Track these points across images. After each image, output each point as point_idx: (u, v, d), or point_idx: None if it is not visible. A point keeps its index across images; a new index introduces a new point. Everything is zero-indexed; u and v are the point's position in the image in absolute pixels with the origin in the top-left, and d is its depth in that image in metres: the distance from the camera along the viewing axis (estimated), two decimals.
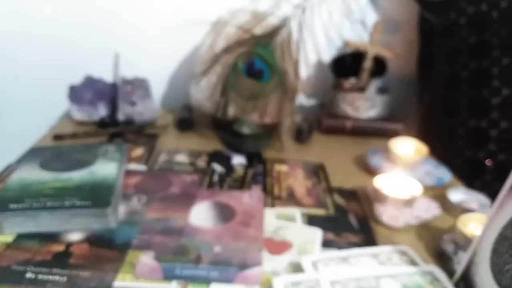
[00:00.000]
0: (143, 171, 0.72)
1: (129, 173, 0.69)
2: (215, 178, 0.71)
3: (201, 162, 0.76)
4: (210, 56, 0.82)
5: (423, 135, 0.85)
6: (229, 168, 0.74)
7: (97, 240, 0.53)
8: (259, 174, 0.73)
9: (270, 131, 0.84)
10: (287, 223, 0.59)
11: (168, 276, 0.48)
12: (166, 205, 0.61)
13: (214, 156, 0.78)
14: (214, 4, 0.91)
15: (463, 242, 0.52)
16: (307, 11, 0.92)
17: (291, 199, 0.66)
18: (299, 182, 0.72)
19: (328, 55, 1.03)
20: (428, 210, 0.63)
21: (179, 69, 1.04)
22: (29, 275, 0.47)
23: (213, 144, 0.84)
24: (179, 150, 0.80)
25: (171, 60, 1.03)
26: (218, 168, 0.74)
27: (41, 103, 1.01)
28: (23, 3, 0.94)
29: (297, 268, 0.50)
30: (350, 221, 0.61)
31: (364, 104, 0.93)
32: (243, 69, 0.78)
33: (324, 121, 0.94)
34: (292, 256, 0.52)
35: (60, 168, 0.63)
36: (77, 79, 0.91)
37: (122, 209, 0.59)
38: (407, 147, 0.77)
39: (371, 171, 0.75)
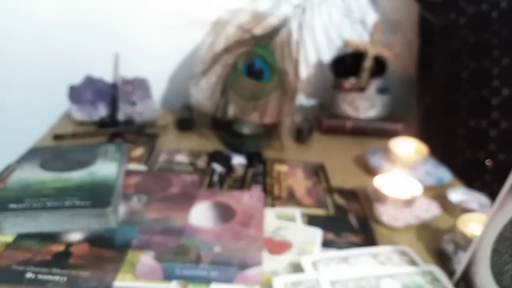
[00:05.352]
0: (143, 171, 0.72)
1: (129, 173, 0.69)
2: (215, 178, 0.71)
3: (201, 162, 0.76)
4: (210, 56, 0.82)
5: (423, 135, 0.85)
6: (229, 168, 0.74)
7: (97, 240, 0.53)
8: (259, 174, 0.73)
9: (270, 131, 0.84)
10: (287, 223, 0.59)
11: (168, 276, 0.48)
12: (166, 205, 0.61)
13: (214, 156, 0.78)
14: (214, 4, 0.91)
15: (463, 242, 0.52)
16: (307, 11, 0.92)
17: (291, 199, 0.66)
18: (299, 182, 0.72)
19: (328, 55, 1.03)
20: (428, 210, 0.63)
21: (179, 69, 1.04)
22: (29, 275, 0.47)
23: (213, 144, 0.84)
24: (179, 150, 0.80)
25: (171, 60, 1.03)
26: (218, 168, 0.74)
27: (41, 103, 1.01)
28: (23, 4, 0.94)
29: (297, 268, 0.50)
30: (350, 221, 0.61)
31: (364, 104, 0.93)
32: (243, 69, 0.78)
33: (324, 121, 0.94)
34: (292, 256, 0.52)
35: (60, 168, 0.63)
36: (77, 79, 0.91)
37: (122, 209, 0.59)
38: (407, 147, 0.77)
39: (371, 171, 0.75)
